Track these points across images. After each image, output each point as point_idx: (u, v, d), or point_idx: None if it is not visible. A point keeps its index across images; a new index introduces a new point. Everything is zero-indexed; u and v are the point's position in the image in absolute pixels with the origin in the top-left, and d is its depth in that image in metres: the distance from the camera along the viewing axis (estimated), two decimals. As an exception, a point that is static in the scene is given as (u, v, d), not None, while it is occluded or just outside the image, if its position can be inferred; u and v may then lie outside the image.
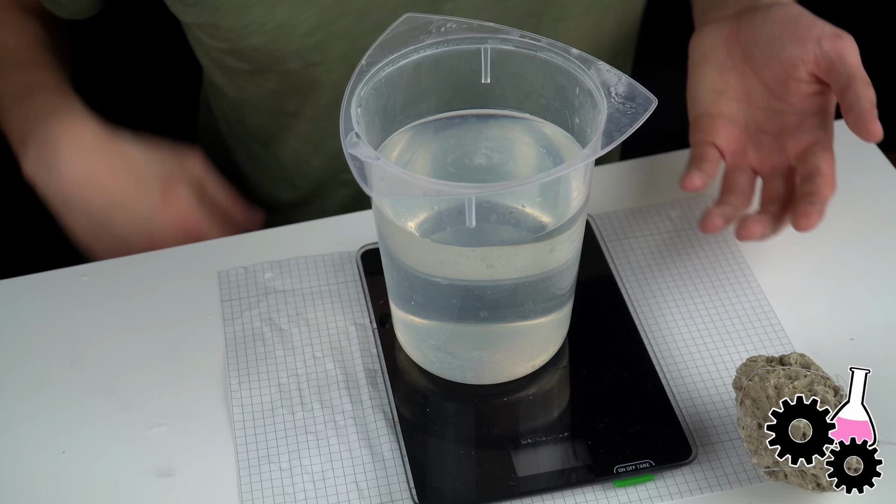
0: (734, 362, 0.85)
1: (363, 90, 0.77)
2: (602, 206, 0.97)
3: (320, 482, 0.79)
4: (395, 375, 0.85)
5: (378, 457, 0.81)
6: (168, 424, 0.83)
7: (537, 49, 0.79)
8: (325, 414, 0.83)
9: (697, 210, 0.97)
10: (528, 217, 0.80)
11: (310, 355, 0.87)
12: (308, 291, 0.91)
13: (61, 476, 0.81)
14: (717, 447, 0.80)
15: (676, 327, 0.88)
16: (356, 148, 0.71)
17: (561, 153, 0.82)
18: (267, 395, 0.84)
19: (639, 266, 0.93)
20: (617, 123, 0.73)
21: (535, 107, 0.82)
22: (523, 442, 0.80)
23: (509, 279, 0.78)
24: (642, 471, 0.78)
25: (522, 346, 0.83)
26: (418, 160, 0.83)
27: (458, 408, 0.83)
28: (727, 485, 0.79)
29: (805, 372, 0.75)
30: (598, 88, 0.75)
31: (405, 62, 0.79)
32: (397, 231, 0.79)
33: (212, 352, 0.88)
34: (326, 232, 0.96)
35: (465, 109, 0.83)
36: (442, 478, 0.79)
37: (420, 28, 0.80)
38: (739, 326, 0.88)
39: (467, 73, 0.81)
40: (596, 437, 0.80)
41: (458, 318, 0.80)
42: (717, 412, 0.82)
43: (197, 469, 0.81)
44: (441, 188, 0.71)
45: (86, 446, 0.82)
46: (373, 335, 0.88)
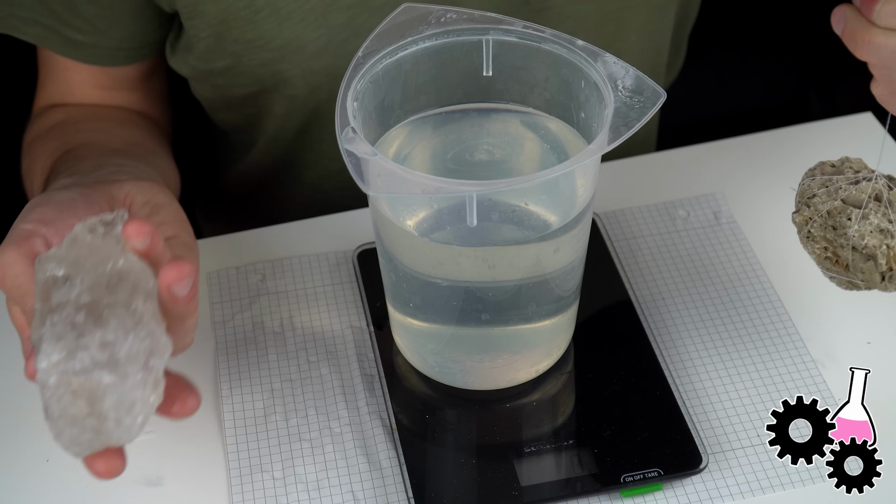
0: (746, 367, 0.85)
1: (360, 83, 0.77)
2: (609, 204, 0.97)
3: (315, 492, 0.79)
4: (393, 380, 0.85)
5: (375, 465, 0.80)
6: (156, 432, 0.82)
7: (541, 40, 0.80)
8: (319, 421, 0.83)
9: (708, 209, 0.97)
10: (531, 216, 0.80)
11: (304, 360, 0.87)
12: (302, 293, 0.91)
13: (45, 485, 0.80)
14: (729, 455, 0.80)
15: (686, 330, 0.88)
16: (352, 143, 0.71)
17: (566, 149, 0.82)
18: (259, 401, 0.84)
19: (647, 266, 0.92)
20: (624, 118, 0.73)
21: (538, 101, 0.82)
22: (526, 450, 0.80)
23: (512, 280, 0.78)
24: (650, 480, 0.78)
25: (525, 350, 0.83)
26: (417, 156, 0.83)
27: (458, 414, 0.83)
28: (739, 494, 0.78)
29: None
30: (605, 81, 0.76)
31: (403, 54, 0.79)
32: (395, 230, 0.78)
33: (202, 356, 0.87)
34: (321, 231, 0.96)
35: (466, 103, 0.83)
36: (442, 487, 0.79)
37: (419, 18, 0.80)
38: (752, 329, 0.88)
39: (468, 65, 0.81)
40: (602, 445, 0.80)
41: (458, 321, 0.80)
42: (729, 419, 0.82)
43: (186, 478, 0.81)
44: (441, 185, 0.71)
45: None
46: (370, 339, 0.88)
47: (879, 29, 0.73)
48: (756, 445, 0.80)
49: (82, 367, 0.64)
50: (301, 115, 1.03)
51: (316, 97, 1.01)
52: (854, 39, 0.74)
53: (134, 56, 1.00)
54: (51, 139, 0.98)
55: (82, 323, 0.65)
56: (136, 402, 0.65)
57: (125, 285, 0.66)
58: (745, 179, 0.99)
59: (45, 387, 0.64)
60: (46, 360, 0.64)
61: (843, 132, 1.03)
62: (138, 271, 0.67)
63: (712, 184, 0.98)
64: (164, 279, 0.66)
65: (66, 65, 1.00)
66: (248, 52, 0.97)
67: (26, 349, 0.70)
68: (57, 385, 0.64)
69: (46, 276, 0.67)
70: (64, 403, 0.64)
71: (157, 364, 0.65)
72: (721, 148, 1.02)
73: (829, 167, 0.77)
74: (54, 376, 0.64)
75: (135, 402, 0.65)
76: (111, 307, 0.66)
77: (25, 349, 0.71)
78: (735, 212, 0.96)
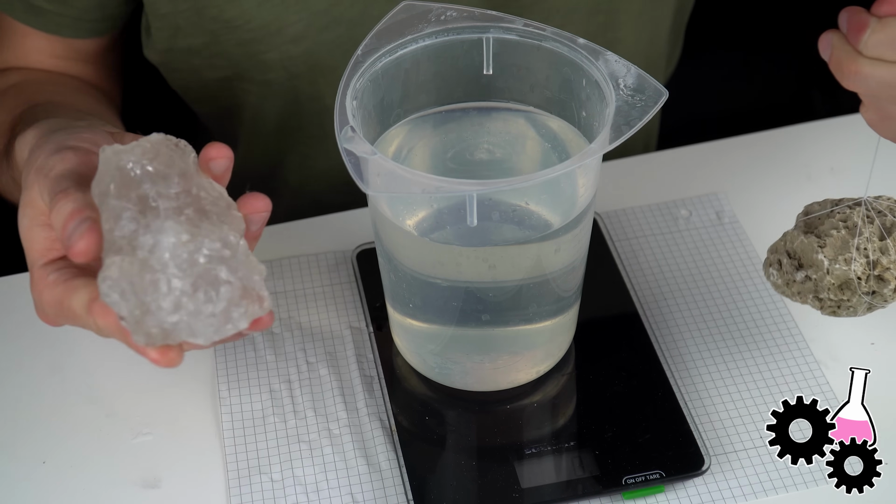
0: (749, 367, 0.85)
1: (359, 82, 0.76)
2: (610, 203, 0.97)
3: (314, 493, 0.79)
4: (393, 382, 0.84)
5: (375, 467, 0.80)
6: (154, 433, 0.83)
7: (542, 38, 0.79)
8: (318, 422, 0.83)
9: (710, 208, 0.97)
10: (532, 215, 0.79)
11: (303, 360, 0.86)
12: (301, 293, 0.91)
13: (42, 487, 0.80)
14: (731, 457, 0.80)
15: (688, 330, 0.88)
16: (351, 143, 0.71)
17: (567, 148, 0.81)
18: (258, 403, 0.84)
19: (649, 266, 0.92)
20: (626, 117, 0.73)
21: (539, 99, 0.82)
22: (527, 452, 0.80)
23: (512, 280, 0.78)
24: (652, 482, 0.78)
25: (526, 351, 0.83)
26: (417, 155, 0.82)
27: (458, 416, 0.83)
28: (741, 496, 0.78)
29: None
30: (606, 80, 0.75)
31: (403, 52, 0.79)
32: (395, 230, 0.78)
33: (199, 357, 0.87)
34: (320, 231, 0.96)
35: (467, 102, 0.83)
36: (442, 489, 0.79)
37: (419, 16, 0.79)
38: (755, 330, 0.87)
39: (468, 63, 0.81)
40: (603, 447, 0.80)
41: (458, 322, 0.80)
42: (731, 420, 0.82)
43: (184, 480, 0.80)
44: (441, 185, 0.71)
45: (67, 456, 0.81)
46: (369, 339, 0.87)
47: (866, 59, 0.71)
48: (759, 447, 0.80)
49: (208, 256, 0.64)
50: (279, 106, 1.03)
51: (295, 88, 1.01)
52: (840, 69, 0.72)
53: (95, 29, 0.99)
54: (8, 97, 0.97)
55: (194, 217, 0.65)
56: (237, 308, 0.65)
57: (220, 202, 0.67)
58: (748, 179, 0.98)
59: (157, 263, 0.64)
60: (176, 237, 0.64)
61: (846, 131, 1.02)
62: (220, 190, 0.68)
63: (714, 183, 0.98)
64: (204, 155, 0.67)
65: (25, 31, 0.99)
66: (226, 32, 0.96)
67: (65, 233, 0.66)
68: (179, 266, 0.64)
69: (127, 167, 0.66)
70: (178, 285, 0.64)
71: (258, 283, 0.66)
72: (723, 147, 1.01)
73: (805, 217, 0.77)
74: (173, 256, 0.64)
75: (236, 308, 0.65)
76: (216, 213, 0.66)
77: (64, 234, 0.67)
78: (738, 211, 0.95)
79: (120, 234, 0.65)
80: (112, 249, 0.65)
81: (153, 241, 0.64)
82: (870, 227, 0.74)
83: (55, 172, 0.70)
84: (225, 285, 0.64)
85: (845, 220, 0.74)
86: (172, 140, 0.68)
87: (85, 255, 0.65)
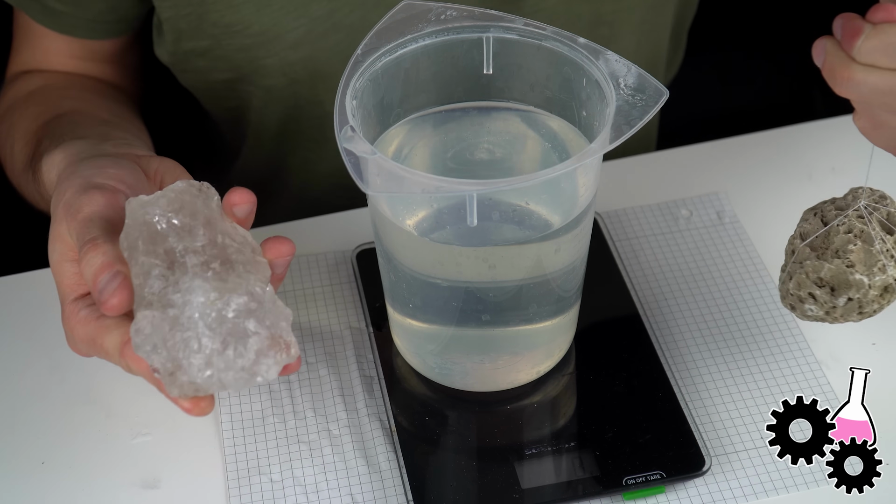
0: (749, 368, 0.85)
1: (358, 81, 0.76)
2: (610, 203, 0.97)
3: (313, 494, 0.79)
4: (393, 382, 0.84)
5: (374, 468, 0.80)
6: (153, 434, 0.82)
7: (542, 38, 0.79)
8: (318, 423, 0.82)
9: (711, 208, 0.96)
10: (532, 215, 0.79)
11: (302, 361, 0.86)
12: (301, 293, 0.91)
13: (41, 488, 0.80)
14: (732, 457, 0.80)
15: (689, 330, 0.87)
16: (351, 142, 0.71)
17: (567, 148, 0.81)
18: (257, 403, 0.84)
19: (649, 267, 0.92)
20: (626, 116, 0.73)
21: (539, 99, 0.82)
22: (527, 452, 0.80)
23: (512, 281, 0.78)
24: (653, 482, 0.78)
25: (526, 352, 0.83)
26: (417, 155, 0.82)
27: (458, 416, 0.83)
28: (742, 497, 0.78)
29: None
30: (607, 79, 0.75)
31: (403, 52, 0.79)
32: (395, 230, 0.78)
33: None
34: (320, 231, 0.96)
35: (467, 102, 0.83)
36: (442, 490, 0.78)
37: (419, 16, 0.79)
38: (755, 330, 0.87)
39: (468, 63, 0.81)
40: (604, 447, 0.80)
41: (458, 322, 0.79)
42: (732, 420, 0.82)
43: (183, 481, 0.80)
44: (441, 184, 0.70)
45: (67, 457, 0.81)
46: (369, 339, 0.87)
47: (859, 65, 0.70)
48: (759, 448, 0.80)
49: (236, 311, 0.66)
50: (280, 110, 1.03)
51: (295, 93, 1.01)
52: (833, 75, 0.71)
53: (110, 30, 1.00)
54: (32, 104, 0.97)
55: (220, 271, 0.67)
56: (266, 357, 0.67)
57: (245, 248, 0.69)
58: (749, 179, 0.98)
59: (187, 322, 0.66)
60: (205, 296, 0.66)
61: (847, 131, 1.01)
62: (244, 235, 0.70)
63: (715, 183, 0.98)
64: (228, 200, 0.69)
65: (43, 32, 1.00)
66: (227, 37, 0.97)
67: (97, 287, 0.68)
68: (208, 325, 0.66)
69: (153, 221, 0.68)
70: (208, 344, 0.66)
71: (285, 329, 0.68)
72: (724, 147, 1.01)
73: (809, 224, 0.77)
74: (202, 316, 0.66)
75: (266, 357, 0.67)
76: (242, 263, 0.68)
77: (96, 288, 0.68)
78: (738, 211, 0.95)
79: (150, 290, 0.67)
80: (143, 304, 0.67)
81: (182, 300, 0.66)
82: (871, 228, 0.74)
83: (83, 215, 0.71)
84: (254, 336, 0.67)
85: (850, 230, 0.74)
86: (195, 185, 0.70)
87: (118, 310, 0.68)
